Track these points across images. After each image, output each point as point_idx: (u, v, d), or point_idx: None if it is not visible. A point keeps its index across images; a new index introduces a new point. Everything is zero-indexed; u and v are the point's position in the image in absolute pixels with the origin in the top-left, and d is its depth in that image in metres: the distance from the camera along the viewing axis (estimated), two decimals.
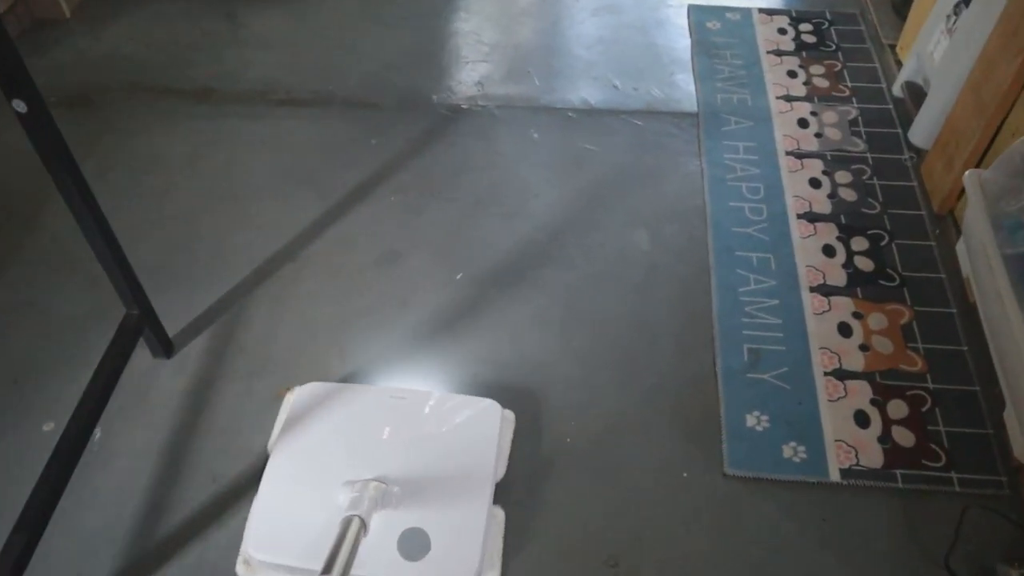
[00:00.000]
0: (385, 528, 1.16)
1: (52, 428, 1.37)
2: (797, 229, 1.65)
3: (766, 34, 2.13)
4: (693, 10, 2.20)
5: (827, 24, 2.16)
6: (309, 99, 1.96)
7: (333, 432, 1.28)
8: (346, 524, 1.08)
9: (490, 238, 1.63)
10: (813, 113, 1.90)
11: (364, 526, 1.10)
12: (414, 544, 1.16)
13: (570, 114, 1.89)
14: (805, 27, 2.15)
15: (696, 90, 1.95)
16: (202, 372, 1.44)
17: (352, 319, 1.51)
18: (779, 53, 2.07)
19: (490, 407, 1.32)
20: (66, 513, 1.24)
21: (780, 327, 1.49)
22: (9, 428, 1.37)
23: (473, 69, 2.03)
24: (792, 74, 2.01)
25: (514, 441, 1.32)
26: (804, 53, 2.07)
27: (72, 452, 1.22)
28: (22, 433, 1.36)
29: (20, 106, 1.05)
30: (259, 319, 1.51)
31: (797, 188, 1.73)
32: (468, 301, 1.53)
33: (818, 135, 1.85)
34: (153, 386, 1.42)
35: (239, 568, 1.19)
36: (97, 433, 1.36)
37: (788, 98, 1.94)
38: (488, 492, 1.22)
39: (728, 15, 2.19)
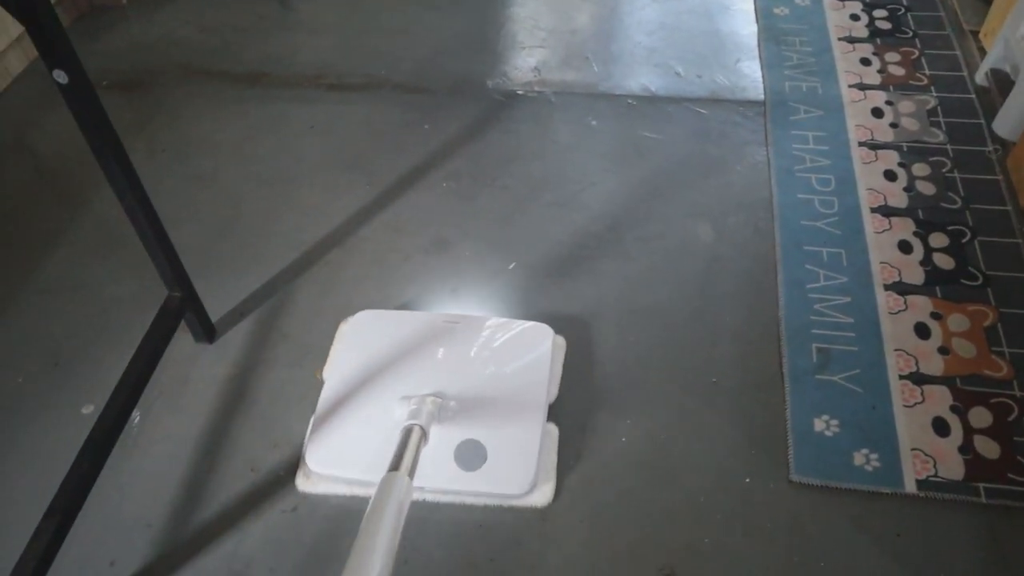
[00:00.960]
0: (442, 441, 1.19)
1: (91, 411, 1.33)
2: (871, 223, 1.55)
3: (838, 20, 2.02)
4: None
5: (903, 10, 2.05)
6: (360, 83, 1.91)
7: (388, 353, 1.31)
8: (407, 432, 1.12)
9: (544, 228, 1.56)
10: (888, 102, 1.79)
11: (424, 434, 1.14)
12: (471, 455, 1.19)
13: (630, 101, 1.82)
14: (880, 13, 2.04)
15: (763, 78, 1.86)
16: (244, 358, 1.39)
17: (400, 307, 1.45)
18: (852, 40, 1.96)
19: (542, 330, 1.34)
20: (101, 498, 1.21)
21: (852, 326, 1.39)
22: (49, 409, 1.34)
23: (529, 55, 1.97)
24: (866, 62, 1.90)
25: (564, 440, 1.25)
26: (879, 40, 1.96)
27: (109, 435, 1.18)
28: (61, 415, 1.33)
29: (61, 76, 1.01)
30: (304, 305, 1.46)
31: (871, 180, 1.63)
32: (520, 292, 1.46)
33: (894, 125, 1.74)
34: (194, 371, 1.38)
35: (299, 481, 1.23)
36: (136, 417, 1.32)
37: (861, 87, 1.83)
38: (542, 406, 1.25)
39: (797, 1, 2.09)
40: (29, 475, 1.25)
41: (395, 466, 1.05)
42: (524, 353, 1.31)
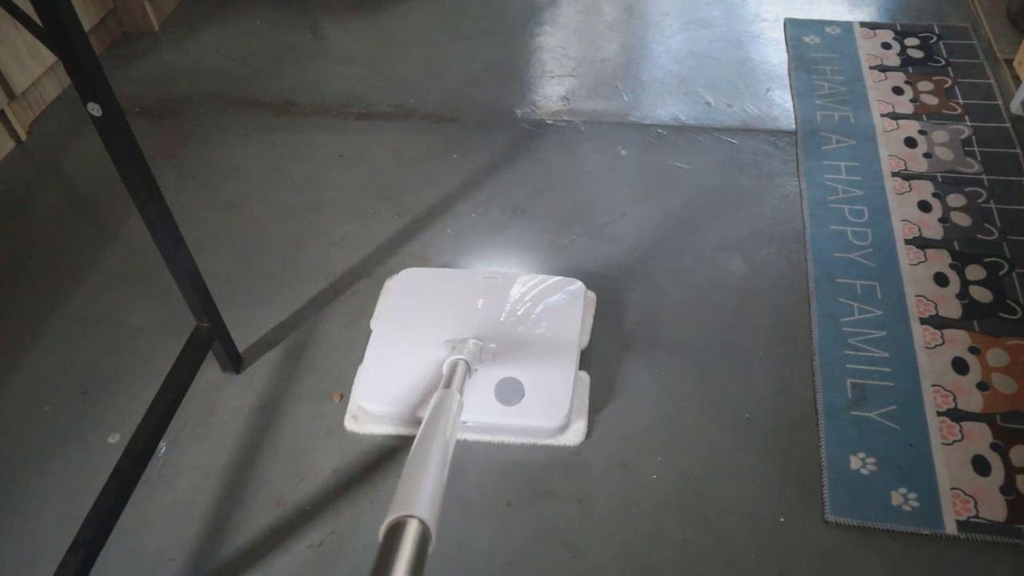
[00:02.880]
0: (483, 379, 1.29)
1: (118, 440, 1.33)
2: (906, 255, 1.52)
3: (869, 49, 2.00)
4: (790, 24, 2.10)
5: (935, 38, 2.02)
6: (389, 112, 1.91)
7: (431, 303, 1.42)
8: (454, 364, 1.22)
9: (575, 259, 1.55)
10: (922, 132, 1.77)
11: (469, 368, 1.23)
12: (510, 391, 1.28)
13: (660, 131, 1.80)
14: (911, 41, 2.02)
15: (794, 107, 1.84)
16: (271, 389, 1.39)
17: None
18: (883, 69, 1.94)
19: (574, 284, 1.44)
20: (125, 531, 1.20)
21: (887, 361, 1.36)
22: (75, 439, 1.33)
23: (558, 84, 1.96)
24: (898, 91, 1.88)
25: (591, 480, 1.23)
26: (911, 69, 1.94)
27: (135, 467, 1.18)
28: (87, 445, 1.33)
29: (95, 109, 1.02)
30: (331, 336, 1.45)
31: (905, 211, 1.60)
32: None
33: (927, 155, 1.72)
34: (220, 402, 1.37)
35: (347, 422, 1.32)
36: (162, 448, 1.31)
37: (894, 116, 1.81)
38: (575, 349, 1.34)
39: (827, 29, 2.07)
40: (55, 506, 1.25)
41: (447, 384, 1.16)
42: (557, 302, 1.41)
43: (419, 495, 0.85)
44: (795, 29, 2.08)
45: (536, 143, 1.80)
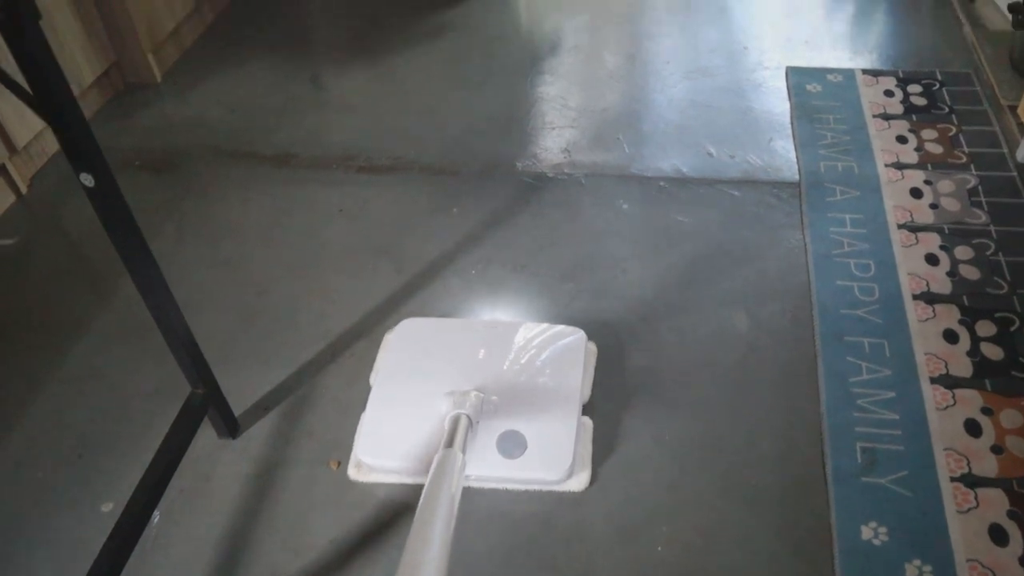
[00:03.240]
0: (485, 432, 1.29)
1: (111, 508, 1.30)
2: (914, 311, 1.50)
3: (871, 97, 1.99)
4: (792, 72, 2.09)
5: (938, 85, 2.01)
6: (389, 165, 1.90)
7: (432, 354, 1.43)
8: (455, 419, 1.22)
9: (576, 316, 1.53)
10: (927, 182, 1.75)
11: (471, 422, 1.23)
12: (512, 444, 1.27)
13: (661, 183, 1.79)
14: (914, 88, 2.01)
15: (797, 157, 1.83)
16: (268, 456, 1.36)
17: None
18: (886, 117, 1.93)
19: (576, 333, 1.44)
20: None
21: (897, 423, 1.33)
22: (67, 507, 1.31)
23: (559, 135, 1.95)
24: (902, 139, 1.86)
25: (598, 549, 1.20)
26: (914, 116, 1.93)
27: (128, 537, 1.15)
28: (80, 513, 1.30)
29: (88, 180, 1.00)
30: (329, 399, 1.43)
31: (912, 265, 1.58)
32: None
33: (933, 206, 1.70)
34: (216, 468, 1.35)
35: (351, 471, 1.32)
36: (155, 517, 1.29)
37: (898, 165, 1.79)
38: (577, 400, 1.34)
39: (829, 77, 2.06)
40: None
41: (449, 443, 1.16)
42: (559, 352, 1.41)
43: (426, 568, 0.85)
44: (797, 77, 2.07)
45: (537, 196, 1.78)
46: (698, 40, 2.24)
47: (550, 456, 1.27)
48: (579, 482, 1.28)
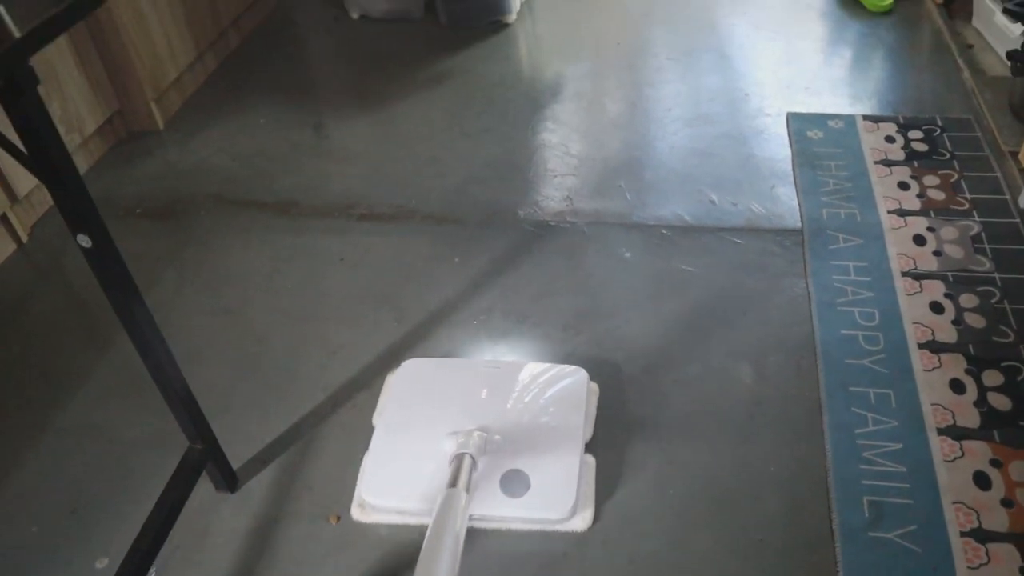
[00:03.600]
0: (488, 471, 1.29)
1: (105, 565, 1.28)
2: (919, 361, 1.48)
3: (872, 143, 1.99)
4: (792, 118, 2.09)
5: (939, 131, 2.02)
6: (390, 214, 1.90)
7: (435, 395, 1.43)
8: (459, 459, 1.23)
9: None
10: (930, 228, 1.74)
11: (474, 461, 1.24)
12: (515, 483, 1.28)
13: (664, 231, 1.78)
14: (915, 134, 2.01)
15: (799, 204, 1.82)
16: (267, 510, 1.34)
17: None
18: (888, 163, 1.93)
19: (577, 373, 1.45)
20: None
21: (905, 476, 1.31)
22: (61, 563, 1.29)
23: (561, 182, 1.96)
24: (904, 186, 1.86)
25: None
26: (915, 163, 1.93)
27: None
28: (74, 569, 1.28)
29: (85, 241, 1.00)
30: (329, 453, 1.41)
31: (917, 313, 1.57)
32: None
33: (937, 253, 1.69)
34: (213, 524, 1.33)
35: (354, 511, 1.32)
36: (152, 574, 1.26)
37: (901, 212, 1.79)
38: (580, 439, 1.34)
39: (830, 123, 2.07)
40: None
41: (453, 483, 1.17)
42: (561, 391, 1.42)
43: None
44: (798, 124, 2.07)
45: (539, 246, 1.78)
46: (699, 87, 2.26)
47: (553, 496, 1.27)
48: (582, 521, 1.28)
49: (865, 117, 2.08)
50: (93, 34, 2.05)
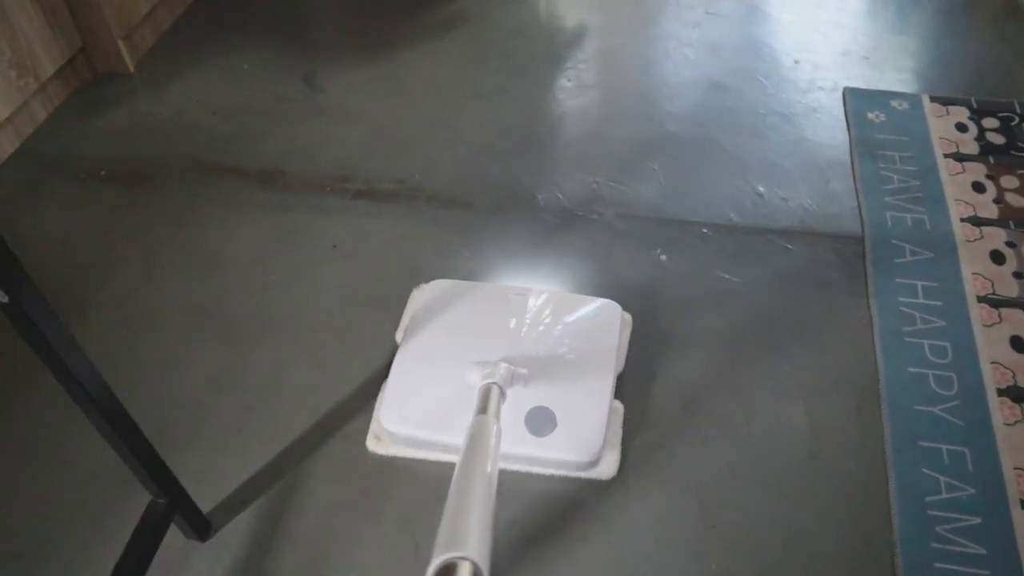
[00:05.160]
0: (513, 406, 1.22)
1: None
2: (999, 411, 1.29)
3: (942, 130, 1.75)
4: (850, 95, 1.84)
5: (1017, 119, 1.77)
6: (391, 191, 1.66)
7: (460, 320, 1.36)
8: (487, 389, 1.15)
9: None
10: (1009, 244, 1.53)
11: (503, 393, 1.16)
12: (541, 421, 1.22)
13: (704, 230, 1.56)
14: (990, 123, 1.77)
15: (859, 204, 1.60)
16: (243, 563, 1.15)
17: (438, 505, 1.20)
18: (960, 158, 1.69)
19: (610, 305, 1.37)
20: None
21: (985, 561, 1.13)
22: None
23: (586, 160, 1.71)
24: (978, 187, 1.63)
25: None
26: (991, 159, 1.69)
27: None
28: None
29: (2, 296, 0.77)
30: (316, 498, 1.22)
31: (995, 351, 1.36)
32: (575, 488, 1.21)
33: (1018, 275, 1.48)
34: None
35: (369, 442, 1.26)
36: None
37: (976, 221, 1.57)
38: (611, 377, 1.27)
39: (893, 103, 1.82)
40: None
41: (482, 411, 1.08)
42: (592, 325, 1.34)
43: (468, 532, 0.79)
44: (856, 102, 1.82)
45: (560, 240, 1.55)
46: (743, 49, 1.99)
47: (580, 436, 1.21)
48: (608, 466, 1.22)
49: (933, 98, 1.83)
50: None
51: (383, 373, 1.35)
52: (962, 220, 1.57)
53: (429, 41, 2.05)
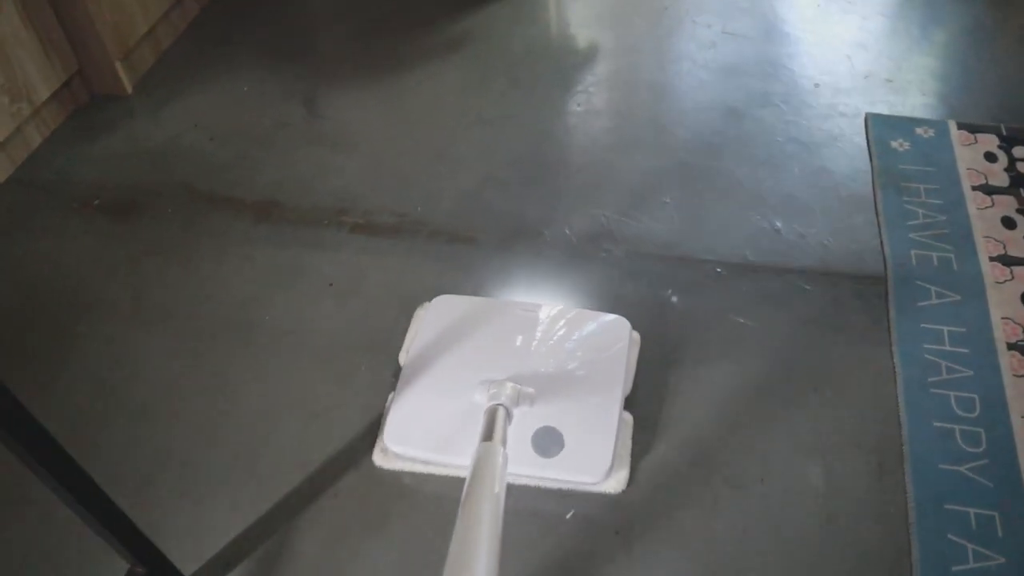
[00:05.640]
0: (520, 426, 1.20)
1: None
2: None
3: (969, 160, 1.67)
4: (873, 121, 1.76)
5: None
6: (391, 225, 1.60)
7: (466, 338, 1.33)
8: (493, 410, 1.13)
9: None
10: None
11: (509, 414, 1.15)
12: (548, 441, 1.20)
13: (718, 269, 1.49)
14: (1021, 152, 1.68)
15: (882, 242, 1.52)
16: None
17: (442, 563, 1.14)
18: (989, 191, 1.61)
19: (619, 321, 1.35)
20: None
21: None
22: None
23: (596, 193, 1.64)
24: (1009, 223, 1.55)
25: None
26: (1022, 191, 1.61)
27: None
28: None
29: None
30: (306, 561, 1.15)
31: None
32: (576, 554, 1.15)
33: None
34: None
35: (376, 456, 1.24)
36: None
37: (1006, 260, 1.48)
38: (619, 396, 1.24)
39: (918, 131, 1.73)
40: None
41: (488, 437, 1.07)
42: (601, 343, 1.32)
43: (476, 565, 0.80)
44: (879, 129, 1.74)
45: (566, 279, 1.48)
46: (761, 72, 1.91)
47: (588, 456, 1.19)
48: (617, 483, 1.20)
49: (960, 125, 1.74)
50: None
51: (377, 424, 1.29)
52: (991, 259, 1.48)
53: (433, 62, 1.98)
